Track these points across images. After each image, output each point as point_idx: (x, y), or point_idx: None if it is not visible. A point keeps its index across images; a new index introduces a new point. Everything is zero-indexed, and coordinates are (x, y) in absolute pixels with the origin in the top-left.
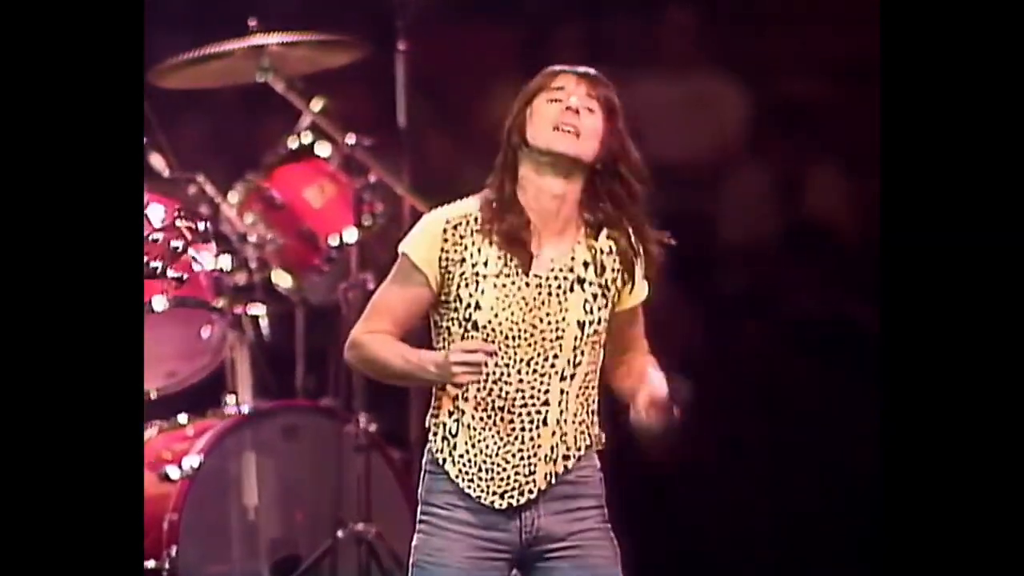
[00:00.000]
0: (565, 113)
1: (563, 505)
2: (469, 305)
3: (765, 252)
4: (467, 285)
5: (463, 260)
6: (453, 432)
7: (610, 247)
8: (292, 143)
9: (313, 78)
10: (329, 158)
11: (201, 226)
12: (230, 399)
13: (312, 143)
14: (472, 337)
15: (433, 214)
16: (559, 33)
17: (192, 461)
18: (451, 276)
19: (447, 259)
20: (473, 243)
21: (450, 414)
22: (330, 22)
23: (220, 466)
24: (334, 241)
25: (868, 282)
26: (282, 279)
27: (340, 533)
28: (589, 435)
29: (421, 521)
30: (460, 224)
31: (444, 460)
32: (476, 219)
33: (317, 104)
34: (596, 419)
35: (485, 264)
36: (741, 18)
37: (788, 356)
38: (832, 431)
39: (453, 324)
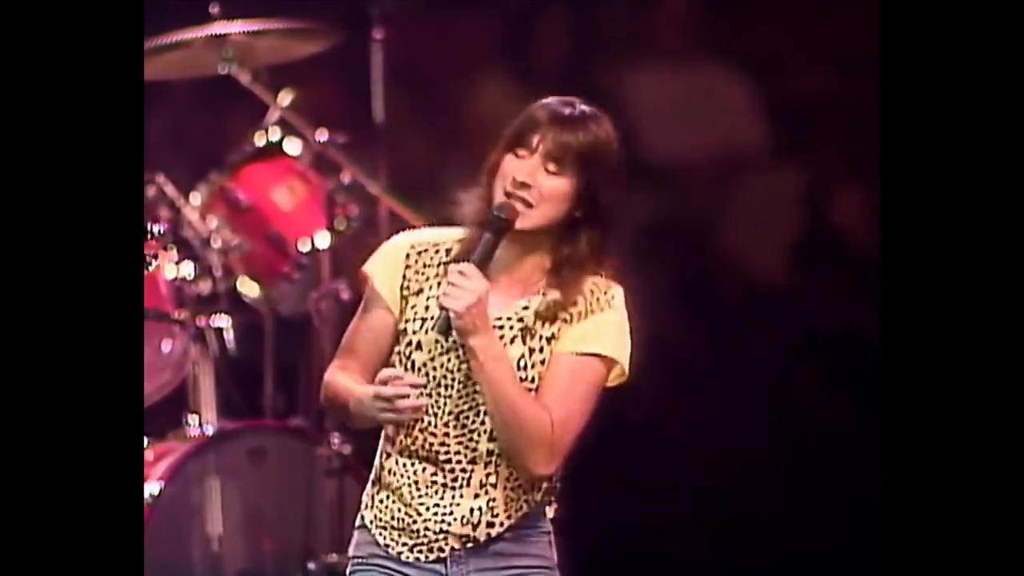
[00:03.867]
0: (518, 184)
1: (496, 562)
2: (411, 343)
3: (765, 255)
4: (415, 319)
5: (420, 291)
6: (377, 476)
7: (568, 297)
8: (259, 140)
9: (281, 69)
10: (299, 156)
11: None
12: (192, 419)
13: (281, 140)
14: None
15: (401, 236)
16: (545, 20)
17: (151, 488)
18: (407, 306)
19: (407, 287)
20: (436, 275)
21: (386, 455)
22: (299, 8)
23: (182, 493)
24: (305, 246)
25: (872, 288)
26: (249, 288)
27: (311, 565)
28: (527, 502)
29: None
30: (426, 251)
31: (365, 507)
32: (448, 250)
33: (286, 98)
34: (542, 487)
35: (436, 301)
36: (737, 6)
37: (791, 366)
38: (837, 442)
39: (397, 361)
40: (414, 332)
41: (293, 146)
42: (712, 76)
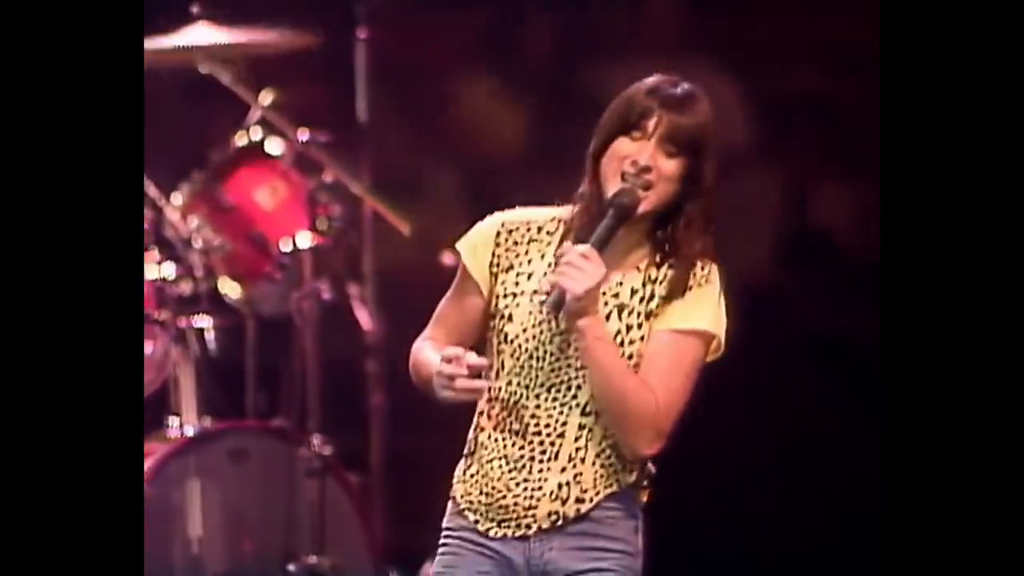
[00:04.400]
0: (640, 168)
1: (578, 542)
2: (503, 316)
3: (763, 256)
4: (506, 295)
5: (511, 268)
6: (471, 450)
7: (665, 275)
8: (241, 140)
9: (263, 68)
10: (281, 156)
11: None
12: (173, 420)
13: (262, 139)
14: (502, 351)
15: (494, 215)
16: (532, 19)
17: None
18: (497, 283)
19: (497, 264)
20: (526, 252)
21: (480, 428)
22: (283, 6)
23: (162, 494)
24: (286, 246)
25: (869, 288)
26: (230, 288)
27: (292, 566)
28: (617, 480)
29: (439, 547)
30: (516, 230)
31: (456, 480)
32: (539, 228)
33: (267, 97)
34: (633, 466)
35: (528, 277)
36: (736, 5)
37: (790, 366)
38: (837, 442)
39: (492, 335)
40: (505, 306)
41: (275, 146)
42: (709, 75)
